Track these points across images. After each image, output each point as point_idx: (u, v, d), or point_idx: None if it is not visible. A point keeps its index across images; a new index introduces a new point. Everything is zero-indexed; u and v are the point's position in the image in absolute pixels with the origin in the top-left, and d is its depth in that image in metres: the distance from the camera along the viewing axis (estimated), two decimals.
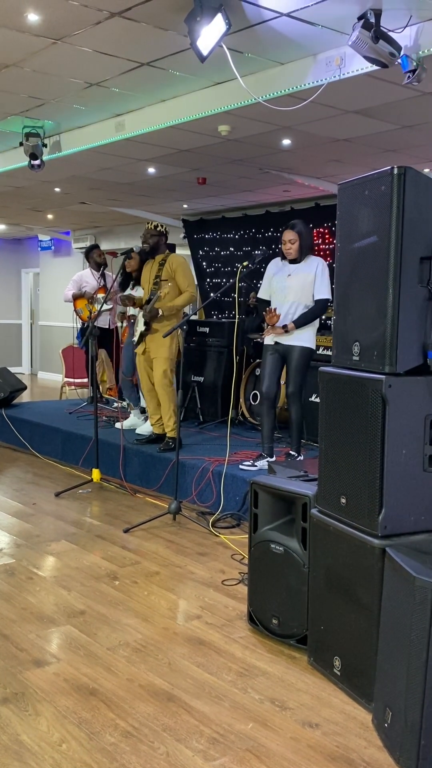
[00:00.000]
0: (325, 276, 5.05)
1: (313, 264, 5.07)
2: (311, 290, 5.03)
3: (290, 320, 5.01)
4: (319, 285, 5.03)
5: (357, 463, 2.69)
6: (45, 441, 7.00)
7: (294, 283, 5.06)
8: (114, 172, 7.73)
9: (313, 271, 5.04)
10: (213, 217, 10.34)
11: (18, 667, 2.89)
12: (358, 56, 4.13)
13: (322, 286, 5.03)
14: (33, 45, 4.60)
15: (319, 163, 7.03)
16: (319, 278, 5.03)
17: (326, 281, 5.04)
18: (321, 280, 5.03)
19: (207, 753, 2.36)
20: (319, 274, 5.03)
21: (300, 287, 5.04)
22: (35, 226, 12.98)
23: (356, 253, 2.78)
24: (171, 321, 5.70)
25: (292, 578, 3.07)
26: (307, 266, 5.06)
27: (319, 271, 5.04)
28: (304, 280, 5.03)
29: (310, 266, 5.06)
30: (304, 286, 5.03)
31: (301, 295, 5.04)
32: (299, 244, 5.05)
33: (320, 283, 5.03)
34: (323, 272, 5.05)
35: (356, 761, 2.34)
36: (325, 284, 5.03)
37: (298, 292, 5.05)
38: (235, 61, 4.36)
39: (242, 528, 4.76)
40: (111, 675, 2.85)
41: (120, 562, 4.13)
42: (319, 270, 5.05)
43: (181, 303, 5.73)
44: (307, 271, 5.05)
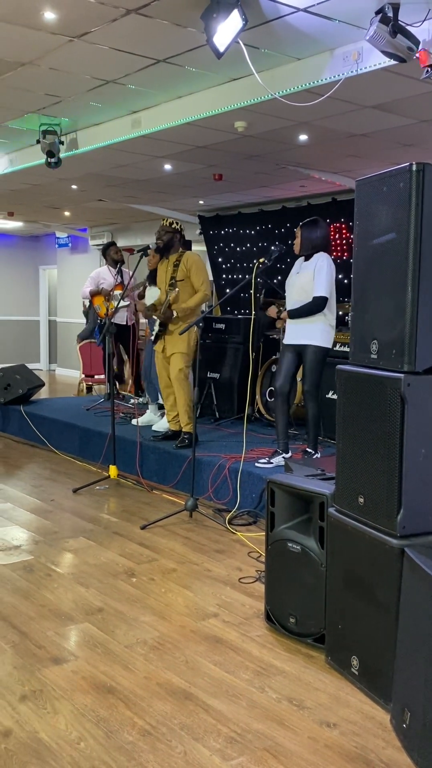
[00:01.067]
0: (323, 273, 4.92)
1: (315, 261, 5.00)
2: (312, 288, 4.95)
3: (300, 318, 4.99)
4: (317, 282, 4.92)
5: (375, 462, 2.67)
6: (63, 437, 7.03)
7: (298, 281, 5.06)
8: (130, 169, 7.73)
9: (313, 269, 4.97)
10: (229, 213, 10.31)
11: (36, 665, 2.91)
12: (375, 51, 4.10)
13: (319, 284, 4.91)
14: (49, 43, 4.60)
15: (336, 158, 6.98)
16: (316, 275, 4.92)
17: (324, 278, 4.91)
18: (318, 277, 4.92)
19: (224, 752, 2.36)
20: (317, 271, 4.93)
21: (301, 285, 5.01)
22: (52, 224, 13.03)
23: (374, 250, 2.76)
24: (187, 319, 5.70)
25: (309, 577, 3.06)
26: (311, 264, 5.01)
27: (317, 267, 4.94)
28: (305, 278, 5.00)
29: (312, 265, 5.01)
30: (304, 284, 4.99)
31: (302, 292, 4.99)
32: (299, 241, 5.05)
33: (317, 280, 4.92)
34: (321, 269, 4.92)
35: (374, 762, 2.33)
36: (322, 281, 4.91)
37: (300, 290, 5.02)
38: (251, 56, 4.34)
39: (259, 525, 4.76)
40: (129, 673, 2.86)
41: (137, 559, 4.14)
42: (317, 268, 4.94)
43: (195, 303, 5.71)
44: (309, 268, 5.00)
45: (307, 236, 5.04)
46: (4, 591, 3.65)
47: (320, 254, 5.03)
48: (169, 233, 5.80)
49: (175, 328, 5.67)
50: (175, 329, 5.68)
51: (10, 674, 2.83)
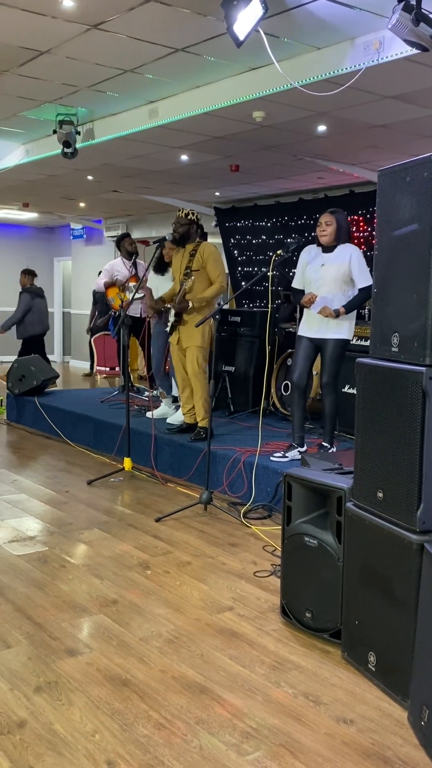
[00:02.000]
0: (363, 262, 4.87)
1: (347, 252, 4.89)
2: (345, 280, 4.88)
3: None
4: (359, 273, 4.85)
5: (395, 456, 2.63)
6: (77, 429, 7.03)
7: (328, 274, 4.91)
8: (147, 160, 7.70)
9: (347, 260, 4.86)
10: (245, 204, 10.26)
11: (51, 656, 2.90)
12: (397, 40, 4.04)
13: (362, 274, 4.85)
14: (67, 31, 4.58)
15: (355, 149, 6.92)
16: (356, 266, 4.85)
17: (365, 267, 4.87)
18: (360, 268, 4.86)
19: (240, 747, 2.34)
20: (355, 263, 4.85)
21: (333, 278, 4.88)
22: (67, 215, 13.03)
23: (396, 241, 2.71)
24: (203, 311, 5.66)
25: (326, 572, 3.03)
26: (341, 255, 4.89)
27: (355, 259, 4.86)
28: (337, 271, 4.88)
29: (343, 255, 4.88)
30: (338, 276, 4.87)
31: (335, 286, 4.89)
32: (335, 228, 4.87)
33: (359, 271, 4.85)
34: (360, 259, 4.86)
35: (392, 759, 2.31)
36: (365, 271, 4.86)
37: (332, 283, 4.89)
38: (271, 45, 4.28)
39: (274, 519, 4.73)
40: (143, 666, 2.85)
41: (152, 552, 4.13)
42: (354, 258, 4.86)
43: (211, 294, 5.67)
44: (340, 260, 4.89)
45: (343, 225, 4.92)
46: (19, 582, 3.65)
47: (348, 245, 4.93)
48: (185, 225, 5.75)
49: (191, 319, 5.64)
50: (190, 320, 5.64)
51: (25, 665, 2.82)
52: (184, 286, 5.61)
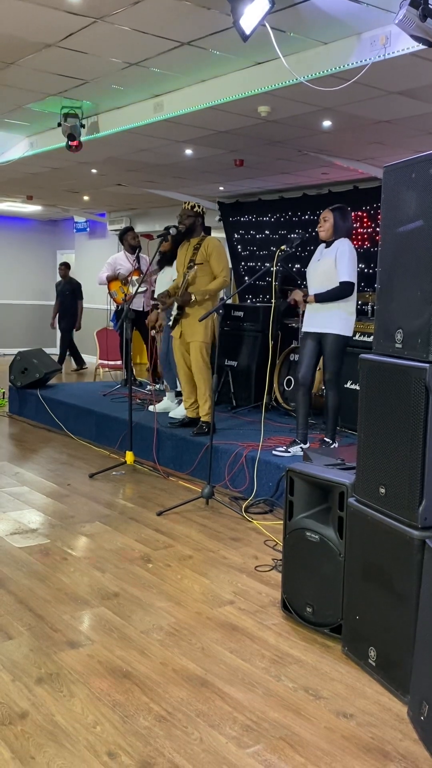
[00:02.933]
0: (346, 257, 4.83)
1: (336, 247, 4.90)
2: (334, 275, 4.86)
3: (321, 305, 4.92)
4: (341, 267, 4.83)
5: (397, 452, 2.64)
6: (79, 422, 7.04)
7: (319, 268, 4.96)
8: (151, 154, 7.69)
9: (334, 254, 4.88)
10: (249, 199, 10.24)
11: (53, 648, 2.91)
12: (404, 35, 4.02)
13: (343, 269, 4.82)
14: (72, 24, 4.56)
15: (360, 145, 6.90)
16: (339, 260, 4.83)
17: (347, 264, 4.82)
18: (341, 263, 4.83)
19: (241, 740, 2.35)
20: (339, 256, 4.84)
21: (323, 272, 4.92)
22: (71, 208, 13.01)
23: (401, 237, 2.71)
24: (206, 305, 5.66)
25: (327, 567, 3.04)
26: (333, 250, 4.92)
27: (341, 252, 4.84)
28: (327, 265, 4.90)
29: (333, 250, 4.91)
30: (326, 271, 4.90)
31: (324, 279, 4.90)
32: (331, 224, 4.91)
33: (341, 266, 4.83)
34: (343, 254, 4.84)
35: (391, 753, 2.32)
36: (345, 267, 4.82)
37: (321, 277, 4.93)
38: (277, 40, 4.27)
39: (275, 514, 4.74)
40: (145, 658, 2.86)
41: (153, 545, 4.14)
42: (340, 252, 4.85)
43: (214, 288, 5.66)
44: (331, 254, 4.91)
45: (341, 221, 4.94)
46: (21, 574, 3.67)
47: (342, 240, 4.94)
48: (191, 217, 5.75)
49: (193, 312, 5.63)
50: (192, 313, 5.64)
51: (26, 657, 2.84)
52: (187, 277, 5.60)
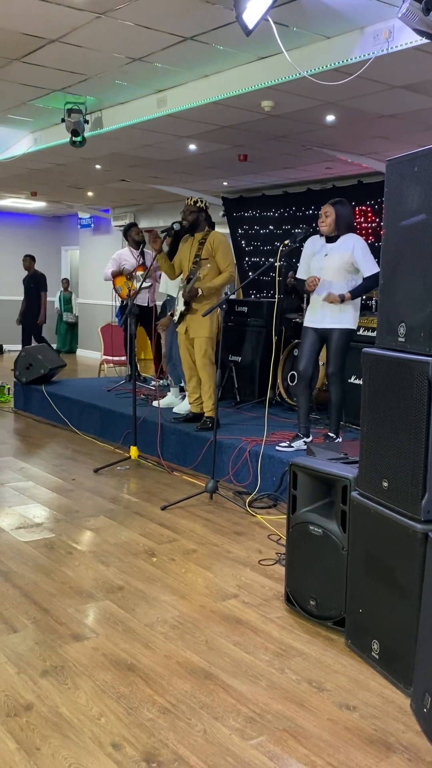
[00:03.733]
0: (367, 251, 4.87)
1: (350, 242, 4.90)
2: (349, 270, 4.89)
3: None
4: (364, 262, 4.86)
5: (400, 446, 2.64)
6: (84, 418, 7.06)
7: (331, 263, 4.93)
8: (155, 149, 7.69)
9: (350, 249, 4.88)
10: (253, 194, 10.24)
11: (57, 641, 2.93)
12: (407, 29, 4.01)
13: (367, 263, 4.86)
14: (76, 19, 4.57)
15: (364, 139, 6.90)
16: (360, 256, 4.86)
17: (370, 256, 4.87)
18: (364, 257, 4.86)
19: (244, 732, 2.37)
20: (359, 252, 4.86)
21: (337, 267, 4.91)
22: (75, 204, 13.02)
23: (404, 231, 2.72)
24: (210, 300, 5.66)
25: (330, 560, 3.05)
26: (344, 245, 4.91)
27: (359, 248, 4.87)
28: (341, 260, 4.90)
29: (347, 245, 4.90)
30: (340, 266, 4.89)
31: (339, 275, 4.90)
32: (333, 219, 4.91)
33: (364, 260, 4.86)
34: (364, 249, 4.87)
35: (394, 745, 2.33)
36: (369, 260, 4.86)
37: (335, 272, 4.91)
38: (280, 34, 4.27)
39: (279, 509, 4.75)
40: (149, 651, 2.87)
41: (157, 539, 4.16)
42: (358, 248, 4.87)
43: (220, 283, 5.67)
44: (343, 250, 4.90)
45: (342, 215, 4.93)
46: (26, 568, 3.69)
47: (352, 235, 4.95)
48: (194, 212, 5.75)
49: (199, 307, 5.64)
50: (198, 308, 5.64)
51: (31, 649, 2.86)
52: (198, 274, 5.61)
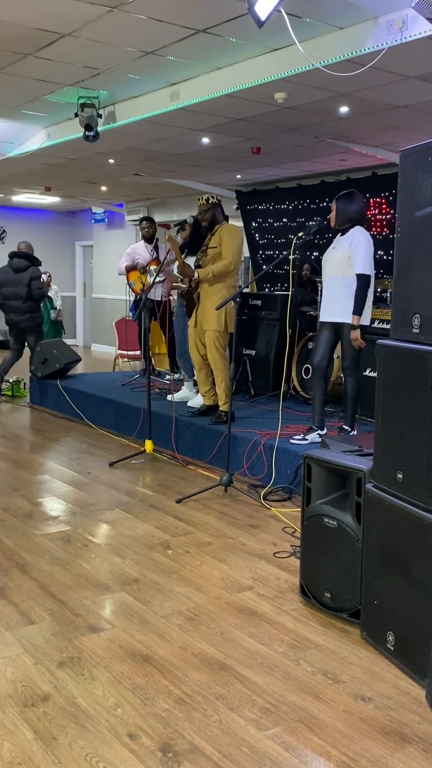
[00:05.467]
0: (362, 249, 4.79)
1: (351, 237, 4.86)
2: (349, 264, 4.84)
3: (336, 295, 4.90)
4: (356, 257, 4.79)
5: (415, 438, 2.64)
6: (99, 412, 7.09)
7: (334, 257, 4.94)
8: (168, 143, 7.69)
9: (349, 243, 4.84)
10: (267, 187, 10.21)
11: (74, 632, 2.96)
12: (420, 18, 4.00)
13: (358, 261, 4.78)
14: (88, 14, 4.57)
15: (378, 130, 6.85)
16: (355, 251, 4.79)
17: (363, 254, 4.78)
18: (356, 254, 4.78)
19: (259, 722, 2.38)
20: (355, 247, 4.80)
21: (337, 261, 4.90)
22: (89, 199, 13.05)
23: (418, 222, 2.70)
24: (221, 293, 5.62)
25: (345, 552, 3.05)
26: (348, 239, 4.89)
27: (355, 244, 4.80)
28: (341, 254, 4.88)
29: (349, 239, 4.88)
30: (339, 259, 4.88)
31: (338, 268, 4.88)
32: (335, 214, 4.93)
33: (356, 257, 4.79)
34: (359, 244, 4.80)
35: (409, 736, 2.33)
36: (360, 258, 4.78)
37: (335, 265, 4.91)
38: (293, 26, 4.25)
39: (293, 501, 4.75)
40: (164, 642, 2.89)
41: (173, 532, 4.17)
42: (354, 243, 4.81)
43: (217, 270, 5.57)
44: (345, 244, 4.88)
45: (343, 208, 4.92)
46: (43, 560, 3.72)
47: (356, 229, 4.90)
48: (209, 210, 5.74)
49: (208, 301, 5.64)
50: (207, 302, 5.64)
51: (48, 641, 2.88)
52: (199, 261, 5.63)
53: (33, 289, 8.11)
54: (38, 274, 8.22)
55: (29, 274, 8.15)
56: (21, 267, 8.20)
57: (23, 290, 8.11)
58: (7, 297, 8.20)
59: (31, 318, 8.29)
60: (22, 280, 8.13)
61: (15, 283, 8.14)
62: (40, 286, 8.13)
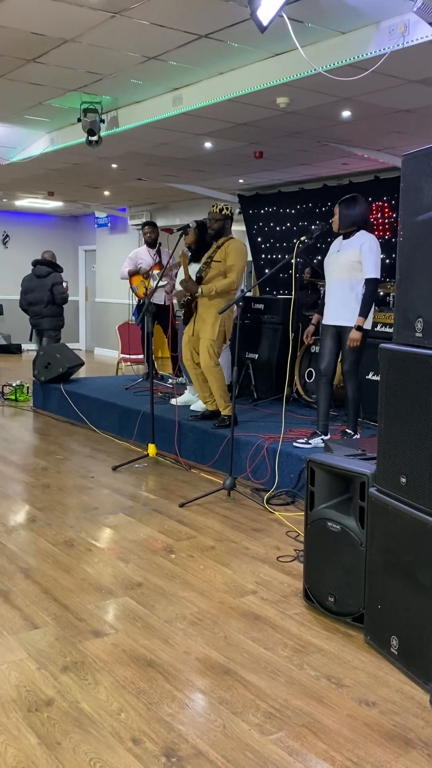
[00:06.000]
0: (372, 253, 4.83)
1: (360, 240, 4.88)
2: (356, 268, 4.86)
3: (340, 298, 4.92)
4: (366, 264, 4.82)
5: (418, 442, 2.64)
6: (102, 416, 7.10)
7: (341, 260, 4.95)
8: (171, 147, 7.70)
9: (359, 247, 4.85)
10: (269, 191, 10.23)
11: (77, 637, 2.96)
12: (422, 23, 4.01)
13: (368, 265, 4.82)
14: (91, 19, 4.59)
15: (380, 134, 6.86)
16: (365, 256, 4.82)
17: (373, 259, 4.82)
18: (368, 258, 4.81)
19: (263, 727, 2.37)
20: (366, 251, 4.82)
21: (344, 264, 4.90)
22: (92, 203, 13.07)
23: (420, 226, 2.70)
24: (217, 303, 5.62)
25: (349, 556, 3.05)
26: (355, 243, 4.90)
27: (366, 248, 4.83)
28: (349, 258, 4.88)
29: (357, 243, 4.89)
30: (348, 263, 4.88)
31: (346, 272, 4.90)
32: (338, 218, 4.95)
33: (367, 262, 4.82)
34: (370, 250, 4.83)
35: (414, 741, 2.33)
36: (371, 262, 4.82)
37: (343, 269, 4.91)
38: (295, 31, 4.27)
39: (297, 505, 4.75)
40: (168, 647, 2.89)
41: (176, 536, 4.17)
42: (365, 247, 4.83)
43: (221, 287, 5.61)
44: (352, 248, 4.89)
45: (346, 213, 4.93)
46: (46, 565, 3.72)
47: (363, 233, 4.92)
48: (219, 220, 5.75)
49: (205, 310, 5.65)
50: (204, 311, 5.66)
51: (52, 645, 2.88)
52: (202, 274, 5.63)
53: (55, 294, 8.62)
54: (59, 280, 8.69)
55: (51, 279, 8.64)
56: (43, 273, 8.71)
57: (45, 295, 8.62)
58: (31, 302, 8.73)
59: (51, 321, 8.77)
60: (44, 286, 8.61)
61: (38, 289, 8.64)
62: (61, 291, 8.64)
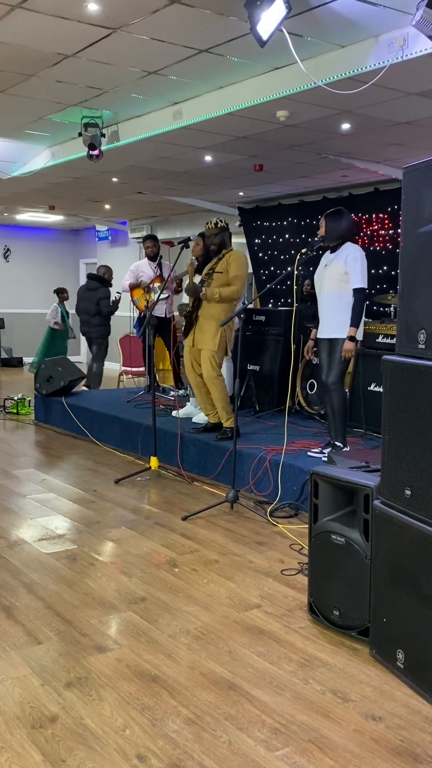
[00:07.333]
0: (357, 264, 4.84)
1: (344, 253, 4.91)
2: (344, 280, 4.88)
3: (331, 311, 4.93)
4: (353, 273, 4.84)
5: (422, 454, 2.63)
6: (104, 429, 7.09)
7: (328, 274, 4.98)
8: (171, 161, 7.74)
9: (344, 259, 4.88)
10: (269, 204, 10.26)
11: (81, 652, 2.94)
12: (421, 36, 4.03)
13: (355, 275, 4.84)
14: (92, 35, 4.62)
15: (380, 147, 6.89)
16: (350, 266, 4.84)
17: (359, 269, 4.84)
18: (353, 268, 4.84)
19: (269, 743, 2.35)
20: (350, 262, 4.85)
21: (332, 278, 4.93)
22: (93, 217, 13.12)
23: (422, 238, 2.71)
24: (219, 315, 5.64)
25: (353, 569, 3.03)
26: (341, 255, 4.93)
27: (350, 259, 4.85)
28: (336, 270, 4.91)
29: (342, 255, 4.92)
30: (336, 275, 4.91)
31: (335, 285, 4.92)
32: (324, 231, 4.96)
33: (352, 272, 4.84)
34: (354, 260, 4.85)
35: (421, 756, 2.31)
36: (357, 273, 4.83)
37: (331, 282, 4.94)
38: (294, 45, 4.29)
39: (300, 518, 4.73)
40: (172, 662, 2.87)
41: (179, 550, 4.16)
42: (350, 258, 4.86)
43: (226, 294, 5.63)
44: (339, 260, 4.92)
45: (333, 227, 4.94)
46: (49, 579, 3.70)
47: (348, 245, 4.96)
48: (217, 234, 5.77)
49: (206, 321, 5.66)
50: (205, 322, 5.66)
51: (55, 661, 2.86)
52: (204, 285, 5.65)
53: (101, 306, 9.42)
54: (107, 294, 9.49)
55: (98, 294, 9.49)
56: (92, 287, 9.60)
57: (93, 307, 9.46)
58: (81, 311, 9.64)
59: (98, 330, 9.60)
60: (93, 298, 9.47)
61: (88, 300, 9.50)
62: (108, 304, 9.41)
